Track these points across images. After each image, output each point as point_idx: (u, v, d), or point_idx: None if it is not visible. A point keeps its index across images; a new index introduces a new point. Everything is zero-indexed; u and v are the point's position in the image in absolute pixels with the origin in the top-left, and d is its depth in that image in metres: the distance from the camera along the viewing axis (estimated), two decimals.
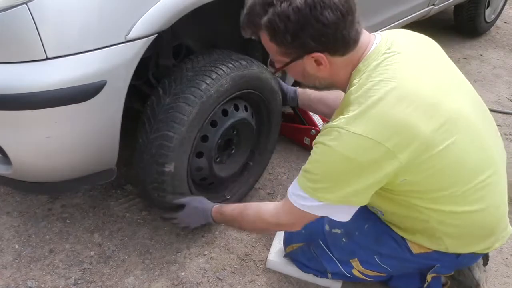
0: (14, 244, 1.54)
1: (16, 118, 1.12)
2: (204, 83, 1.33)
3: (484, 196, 1.11)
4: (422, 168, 1.03)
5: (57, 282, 1.42)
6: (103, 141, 1.27)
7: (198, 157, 1.48)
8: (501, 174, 1.17)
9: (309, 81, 1.16)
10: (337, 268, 1.34)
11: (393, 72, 1.02)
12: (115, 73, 1.16)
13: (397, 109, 0.98)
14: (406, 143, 0.98)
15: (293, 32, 0.98)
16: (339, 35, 1.00)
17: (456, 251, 1.20)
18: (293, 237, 1.45)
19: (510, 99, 2.80)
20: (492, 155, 1.15)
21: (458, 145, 1.04)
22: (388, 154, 0.98)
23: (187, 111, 1.31)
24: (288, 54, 1.06)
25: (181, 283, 1.45)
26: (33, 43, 1.05)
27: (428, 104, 1.01)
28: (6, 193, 1.75)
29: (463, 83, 1.18)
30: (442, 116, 1.02)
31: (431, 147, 1.00)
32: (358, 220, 1.28)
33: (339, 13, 0.97)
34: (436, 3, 2.76)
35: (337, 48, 1.03)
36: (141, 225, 1.65)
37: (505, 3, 3.81)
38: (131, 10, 1.15)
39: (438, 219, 1.13)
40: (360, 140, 0.98)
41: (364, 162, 0.99)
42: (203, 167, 1.50)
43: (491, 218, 1.16)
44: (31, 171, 1.27)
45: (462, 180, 1.08)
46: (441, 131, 1.01)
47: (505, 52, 3.48)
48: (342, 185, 1.04)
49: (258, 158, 1.75)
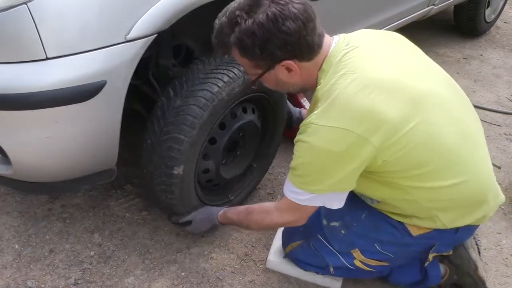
0: (14, 244, 1.54)
1: (16, 118, 1.12)
2: (216, 86, 1.31)
3: (465, 169, 1.16)
4: (396, 149, 1.08)
5: (57, 282, 1.42)
6: (103, 141, 1.27)
7: (205, 159, 1.48)
8: (479, 145, 1.22)
9: (284, 88, 1.23)
10: (339, 260, 1.35)
11: (353, 64, 1.10)
12: (115, 73, 1.16)
13: (361, 97, 1.05)
14: (374, 127, 1.05)
15: (260, 45, 1.05)
16: (303, 41, 1.07)
17: (454, 225, 1.22)
18: (291, 236, 1.46)
19: (510, 99, 2.80)
20: (467, 128, 1.19)
21: (428, 123, 1.09)
22: (361, 140, 1.05)
23: (199, 114, 1.30)
24: (260, 66, 1.12)
25: (181, 283, 1.45)
26: (33, 43, 1.05)
27: (391, 88, 1.08)
28: (6, 193, 1.75)
29: (430, 67, 1.24)
30: (406, 97, 1.08)
31: (399, 128, 1.06)
32: (354, 211, 1.33)
33: (300, 22, 1.04)
34: (436, 3, 2.76)
35: (303, 54, 1.10)
36: (141, 225, 1.65)
37: (505, 3, 3.80)
38: (131, 10, 1.15)
39: (426, 197, 1.17)
40: (332, 131, 1.05)
41: (341, 151, 1.06)
42: (210, 169, 1.50)
43: (479, 187, 1.19)
44: (31, 171, 1.27)
45: (439, 155, 1.12)
46: (406, 111, 1.07)
47: (505, 52, 3.48)
48: (327, 176, 1.11)
49: (262, 161, 1.75)
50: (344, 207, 1.34)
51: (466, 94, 1.31)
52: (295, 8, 1.04)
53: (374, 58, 1.14)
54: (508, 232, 1.75)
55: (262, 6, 1.04)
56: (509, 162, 2.18)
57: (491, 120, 2.54)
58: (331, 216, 1.37)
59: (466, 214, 1.22)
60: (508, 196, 1.92)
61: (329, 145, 1.06)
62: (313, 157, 1.10)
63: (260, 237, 1.63)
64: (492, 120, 2.54)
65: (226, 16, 1.08)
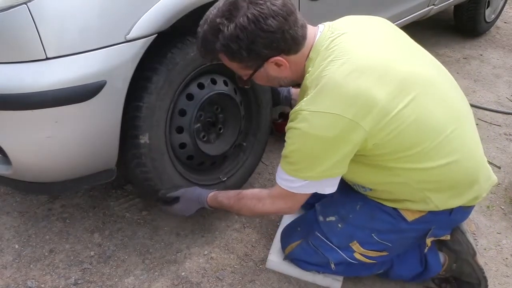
0: (14, 244, 1.54)
1: (16, 118, 1.12)
2: (169, 52, 1.33)
3: (455, 148, 1.16)
4: (387, 131, 1.09)
5: (57, 282, 1.42)
6: (103, 141, 1.27)
7: (179, 132, 1.47)
8: (469, 127, 1.22)
9: (275, 83, 1.25)
10: (339, 255, 1.35)
11: (340, 50, 1.11)
12: (115, 73, 1.16)
13: (350, 81, 1.06)
14: (365, 111, 1.05)
15: (246, 48, 1.07)
16: (287, 35, 1.08)
17: (446, 206, 1.23)
18: (290, 237, 1.46)
19: (510, 99, 2.80)
20: (455, 109, 1.19)
21: (417, 104, 1.10)
22: (351, 124, 1.05)
23: (154, 79, 1.31)
24: (249, 66, 1.15)
25: (181, 283, 1.45)
26: (33, 43, 1.05)
27: (379, 71, 1.08)
28: (6, 193, 1.75)
29: (416, 50, 1.25)
30: (394, 79, 1.09)
31: (388, 110, 1.07)
32: (349, 203, 1.34)
33: (281, 18, 1.05)
34: (436, 3, 2.76)
35: (290, 48, 1.11)
36: (141, 225, 1.65)
37: (505, 3, 3.80)
38: (131, 10, 1.15)
39: (416, 179, 1.18)
40: (323, 116, 1.06)
41: (332, 136, 1.07)
42: (186, 143, 1.50)
43: (468, 168, 1.20)
44: (31, 171, 1.27)
45: (428, 136, 1.13)
46: (395, 94, 1.08)
47: (505, 52, 3.48)
48: (319, 162, 1.12)
49: (253, 139, 1.73)
50: (338, 201, 1.37)
51: (466, 94, 1.31)
52: (274, 5, 1.05)
53: (361, 42, 1.14)
54: (508, 232, 1.75)
55: (241, 9, 1.05)
56: (509, 162, 2.17)
57: (491, 120, 2.54)
58: (326, 211, 1.38)
59: (457, 194, 1.22)
60: (508, 196, 1.92)
61: (321, 131, 1.07)
62: (305, 144, 1.10)
63: (260, 237, 1.64)
64: (492, 120, 2.54)
65: (208, 24, 1.09)
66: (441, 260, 1.43)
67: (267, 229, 1.67)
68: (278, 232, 1.59)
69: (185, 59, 1.37)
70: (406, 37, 1.27)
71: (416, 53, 1.24)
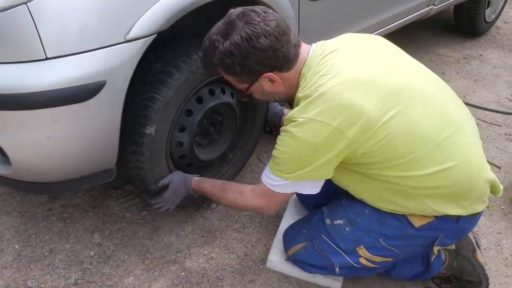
0: (14, 244, 1.54)
1: (16, 118, 1.12)
2: (196, 54, 1.38)
3: (449, 155, 1.18)
4: (374, 141, 1.13)
5: (57, 282, 1.42)
6: (103, 141, 1.27)
7: (181, 131, 1.50)
8: (464, 132, 1.23)
9: (270, 98, 1.32)
10: (344, 260, 1.35)
11: (329, 66, 1.18)
12: (115, 73, 1.16)
13: (338, 92, 1.12)
14: (351, 121, 1.11)
15: (239, 63, 1.15)
16: (279, 54, 1.16)
17: (444, 211, 1.23)
18: (294, 239, 1.45)
19: (510, 99, 2.80)
20: (449, 116, 1.22)
21: (406, 114, 1.14)
22: (336, 132, 1.11)
23: (176, 76, 1.35)
24: (244, 81, 1.23)
25: (181, 283, 1.45)
26: (32, 43, 1.05)
27: (365, 84, 1.14)
28: (6, 193, 1.75)
29: (408, 63, 1.30)
30: (381, 92, 1.14)
31: (375, 121, 1.12)
32: (358, 207, 1.34)
33: (273, 37, 1.13)
34: (436, 3, 2.76)
35: (282, 65, 1.19)
36: (141, 225, 1.65)
37: (505, 3, 3.80)
38: (131, 10, 1.15)
39: (411, 185, 1.20)
40: (311, 123, 1.12)
41: (318, 143, 1.13)
42: (183, 142, 1.52)
43: (465, 174, 1.20)
44: (31, 171, 1.27)
45: (418, 145, 1.16)
46: (381, 105, 1.12)
47: (505, 52, 3.48)
48: (303, 165, 1.18)
49: (238, 152, 1.77)
50: (347, 204, 1.37)
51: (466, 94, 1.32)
52: (268, 26, 1.13)
53: (350, 58, 1.20)
54: (508, 232, 1.75)
55: (237, 28, 1.13)
56: (509, 162, 2.17)
57: (491, 120, 2.54)
58: (334, 214, 1.38)
59: (455, 200, 1.22)
60: (508, 196, 1.92)
61: (308, 136, 1.13)
62: (292, 147, 1.17)
63: (260, 237, 1.64)
64: (492, 120, 2.54)
65: (208, 40, 1.18)
66: (442, 258, 1.43)
67: (267, 229, 1.67)
68: (278, 232, 1.59)
69: None
70: (400, 52, 1.32)
71: (406, 66, 1.27)
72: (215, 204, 1.76)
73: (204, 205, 1.75)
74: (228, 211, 1.74)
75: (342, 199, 1.40)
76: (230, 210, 1.74)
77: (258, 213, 1.72)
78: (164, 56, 1.38)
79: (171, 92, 1.34)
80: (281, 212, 1.74)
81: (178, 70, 1.35)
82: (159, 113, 1.35)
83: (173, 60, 1.36)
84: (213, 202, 1.76)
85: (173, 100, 1.37)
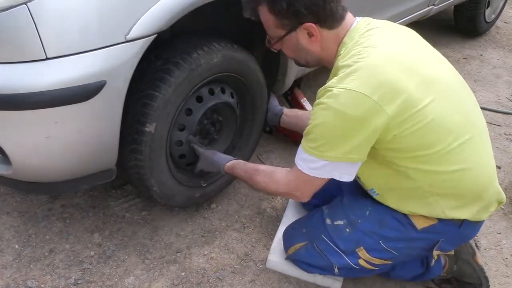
0: (14, 244, 1.54)
1: (16, 118, 1.12)
2: (195, 52, 1.38)
3: (468, 157, 1.17)
4: (409, 124, 1.10)
5: (57, 282, 1.42)
6: (103, 141, 1.27)
7: (180, 130, 1.50)
8: (483, 139, 1.24)
9: (301, 57, 1.27)
10: (344, 260, 1.35)
11: (373, 39, 1.15)
12: (115, 73, 1.16)
13: (381, 67, 1.09)
14: (391, 96, 1.07)
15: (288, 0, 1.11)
16: (328, 7, 1.13)
17: (453, 215, 1.22)
18: (294, 238, 1.45)
19: (510, 99, 2.80)
20: (472, 120, 1.21)
21: (438, 105, 1.12)
22: (376, 107, 1.06)
23: (176, 74, 1.34)
24: (284, 25, 1.18)
25: (181, 283, 1.45)
26: (32, 43, 1.05)
27: (407, 65, 1.12)
28: (6, 193, 1.75)
29: (440, 58, 1.28)
30: (420, 76, 1.12)
31: (415, 102, 1.09)
32: (359, 208, 1.34)
33: None
34: (436, 3, 2.76)
35: (326, 20, 1.16)
36: (141, 225, 1.65)
37: (505, 3, 3.80)
38: (131, 10, 1.15)
39: (427, 182, 1.18)
40: (350, 94, 1.07)
41: (355, 115, 1.07)
42: (183, 141, 1.52)
43: (479, 178, 1.20)
44: (31, 171, 1.27)
45: (446, 138, 1.14)
46: (420, 89, 1.10)
47: (505, 52, 3.48)
48: (341, 142, 1.11)
49: (238, 153, 1.76)
50: (347, 205, 1.36)
51: None
52: None
53: (393, 39, 1.19)
54: (508, 232, 1.75)
55: None
56: (509, 162, 2.18)
57: (491, 120, 2.54)
58: (335, 215, 1.37)
59: (463, 204, 1.22)
60: (508, 196, 1.92)
61: (345, 108, 1.07)
62: (328, 119, 1.09)
63: (260, 237, 1.64)
64: (492, 120, 2.54)
65: None
66: (441, 262, 1.43)
67: (267, 229, 1.67)
68: (278, 232, 1.59)
69: (208, 63, 1.41)
70: (433, 49, 1.30)
71: (441, 63, 1.26)
72: (215, 204, 1.76)
73: (204, 205, 1.75)
74: (228, 211, 1.74)
75: (343, 198, 1.39)
76: (230, 210, 1.74)
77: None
78: (164, 54, 1.38)
79: (170, 90, 1.34)
80: (281, 212, 1.74)
81: (178, 68, 1.35)
82: (158, 111, 1.34)
83: (172, 58, 1.36)
84: (213, 202, 1.76)
85: (173, 98, 1.37)
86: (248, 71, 1.59)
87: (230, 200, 1.80)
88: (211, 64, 1.42)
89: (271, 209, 1.77)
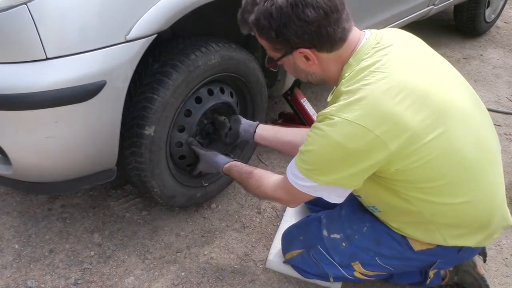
0: (14, 244, 1.54)
1: (16, 118, 1.12)
2: (193, 54, 1.37)
3: (477, 186, 1.12)
4: (413, 159, 1.04)
5: (57, 282, 1.42)
6: (103, 141, 1.27)
7: (180, 131, 1.50)
8: (494, 169, 1.17)
9: (302, 76, 1.20)
10: (339, 271, 1.34)
11: (382, 63, 1.05)
12: (115, 73, 1.16)
13: (386, 99, 1.01)
14: (395, 132, 1.00)
15: (276, 29, 1.03)
16: (323, 32, 1.03)
17: (455, 243, 1.19)
18: (291, 244, 1.44)
19: (510, 99, 2.80)
20: (487, 146, 1.15)
21: (449, 136, 1.05)
22: (377, 142, 1.00)
23: (174, 77, 1.34)
24: (278, 49, 1.11)
25: (181, 283, 1.45)
26: (33, 43, 1.05)
27: (417, 95, 1.03)
28: (6, 193, 1.75)
29: (455, 77, 1.19)
30: (431, 107, 1.04)
31: (420, 137, 1.02)
32: (357, 223, 1.31)
33: (322, 11, 1.00)
34: (436, 3, 2.76)
35: (323, 45, 1.06)
36: (141, 225, 1.65)
37: (505, 3, 3.80)
38: (131, 10, 1.15)
39: (431, 211, 1.14)
40: (351, 126, 1.00)
41: (354, 149, 1.01)
42: (183, 143, 1.52)
43: (486, 210, 1.15)
44: (31, 171, 1.27)
45: (455, 171, 1.08)
46: (428, 122, 1.03)
47: (505, 52, 3.48)
48: (334, 170, 1.06)
49: (239, 152, 1.77)
50: (345, 218, 1.33)
51: None
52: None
53: (405, 60, 1.09)
54: (508, 232, 1.75)
55: None
56: (509, 162, 2.17)
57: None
58: (332, 227, 1.35)
59: (467, 234, 1.19)
60: (508, 196, 1.92)
61: (344, 139, 1.01)
62: (325, 148, 1.04)
63: (260, 237, 1.63)
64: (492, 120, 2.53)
65: None
66: (441, 274, 1.42)
67: (267, 229, 1.67)
68: (278, 232, 1.59)
69: (206, 65, 1.41)
70: (443, 60, 1.21)
71: (453, 81, 1.17)
72: (215, 204, 1.76)
73: (204, 205, 1.75)
74: (228, 211, 1.74)
75: (342, 209, 1.36)
76: (230, 210, 1.74)
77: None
78: (162, 57, 1.38)
79: (169, 92, 1.34)
80: (281, 212, 1.74)
81: (176, 70, 1.35)
82: (157, 113, 1.34)
83: (170, 60, 1.36)
84: (213, 202, 1.76)
85: (172, 100, 1.37)
86: (247, 70, 1.59)
87: (230, 200, 1.80)
88: (210, 65, 1.42)
89: (271, 209, 1.77)
